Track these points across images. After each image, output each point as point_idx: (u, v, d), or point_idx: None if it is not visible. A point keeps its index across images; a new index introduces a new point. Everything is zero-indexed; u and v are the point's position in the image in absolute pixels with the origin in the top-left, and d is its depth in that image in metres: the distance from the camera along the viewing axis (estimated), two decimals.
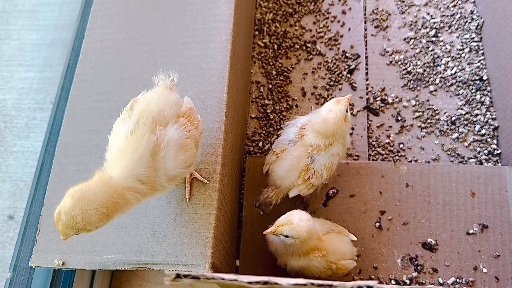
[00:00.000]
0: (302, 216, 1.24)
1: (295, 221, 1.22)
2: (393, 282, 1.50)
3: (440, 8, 2.00)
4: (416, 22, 1.97)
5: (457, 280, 1.50)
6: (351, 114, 1.76)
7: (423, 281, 1.50)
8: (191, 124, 1.08)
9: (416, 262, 1.52)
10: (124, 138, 1.00)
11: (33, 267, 1.23)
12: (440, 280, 1.50)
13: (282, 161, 1.39)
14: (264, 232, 1.27)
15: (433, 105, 1.81)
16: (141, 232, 1.19)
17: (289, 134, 1.42)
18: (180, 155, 1.03)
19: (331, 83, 1.87)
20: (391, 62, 1.90)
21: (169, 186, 1.05)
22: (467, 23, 1.95)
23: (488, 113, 1.77)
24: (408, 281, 1.50)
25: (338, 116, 1.31)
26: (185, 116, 1.09)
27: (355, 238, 1.43)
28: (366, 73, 1.89)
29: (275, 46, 1.96)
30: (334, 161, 1.38)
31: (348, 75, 1.87)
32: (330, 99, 1.82)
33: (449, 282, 1.49)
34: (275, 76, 1.90)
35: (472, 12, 1.97)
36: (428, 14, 1.99)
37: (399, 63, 1.89)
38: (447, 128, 1.77)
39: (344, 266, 1.35)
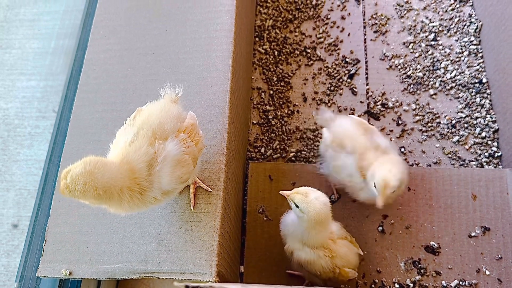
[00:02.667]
0: (321, 198, 1.22)
1: (311, 197, 1.21)
2: (396, 285, 1.51)
3: (438, 12, 2.01)
4: (415, 26, 1.99)
5: (460, 282, 1.51)
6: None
7: (426, 284, 1.51)
8: (191, 140, 1.08)
9: (419, 265, 1.53)
10: (123, 148, 1.01)
11: (40, 277, 1.24)
12: (444, 283, 1.51)
13: None
14: (280, 192, 1.27)
15: (433, 109, 1.83)
16: (147, 241, 1.21)
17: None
18: (176, 170, 1.03)
19: (332, 88, 1.88)
20: (390, 66, 1.91)
21: (162, 200, 1.05)
22: (465, 27, 1.96)
23: (488, 115, 1.79)
24: (411, 285, 1.51)
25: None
26: (186, 131, 1.09)
27: (362, 253, 1.45)
28: (366, 78, 1.90)
29: (276, 52, 1.97)
30: None
31: (349, 80, 1.89)
32: (331, 104, 1.85)
33: (452, 285, 1.51)
34: (276, 82, 1.92)
35: (470, 16, 1.98)
36: (427, 18, 2.00)
37: (399, 67, 1.91)
38: (448, 132, 1.78)
39: (346, 274, 1.35)
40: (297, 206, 1.22)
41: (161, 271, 1.17)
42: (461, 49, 1.92)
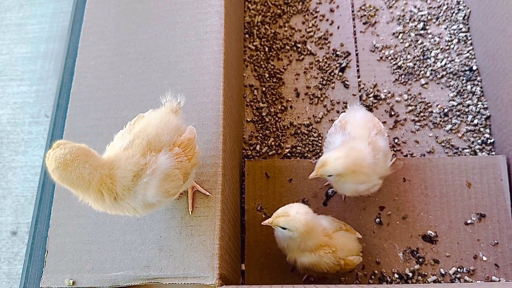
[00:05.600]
0: (301, 209, 1.26)
1: (292, 213, 1.25)
2: (396, 276, 1.54)
3: (426, 0, 2.01)
4: (403, 16, 1.99)
5: (458, 269, 1.54)
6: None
7: (425, 273, 1.54)
8: (185, 155, 1.07)
9: (418, 254, 1.56)
10: (116, 152, 1.00)
11: None
12: (442, 271, 1.53)
13: None
14: (262, 223, 1.30)
15: (425, 98, 1.84)
16: (148, 247, 1.22)
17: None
18: (164, 184, 1.02)
19: (324, 82, 1.89)
20: (381, 57, 1.92)
21: (142, 213, 1.04)
22: (454, 14, 1.97)
23: (479, 103, 1.80)
24: (410, 274, 1.54)
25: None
26: (181, 145, 1.08)
27: (360, 236, 1.47)
28: (358, 70, 1.91)
29: (266, 48, 1.97)
30: None
31: (340, 73, 1.89)
32: (324, 98, 1.86)
33: (451, 272, 1.53)
34: (268, 79, 1.92)
35: (458, 3, 1.99)
36: (415, 7, 2.01)
37: (389, 58, 1.92)
38: (440, 120, 1.80)
39: (352, 262, 1.38)
40: (284, 228, 1.26)
41: (163, 277, 1.18)
42: (451, 37, 1.93)
